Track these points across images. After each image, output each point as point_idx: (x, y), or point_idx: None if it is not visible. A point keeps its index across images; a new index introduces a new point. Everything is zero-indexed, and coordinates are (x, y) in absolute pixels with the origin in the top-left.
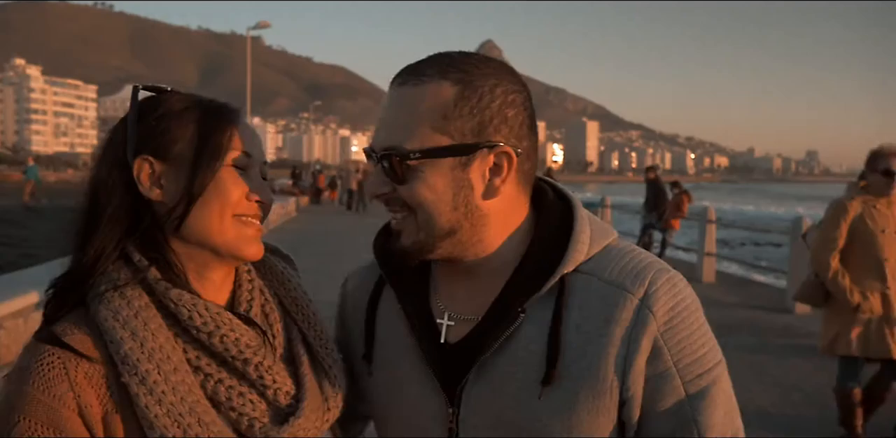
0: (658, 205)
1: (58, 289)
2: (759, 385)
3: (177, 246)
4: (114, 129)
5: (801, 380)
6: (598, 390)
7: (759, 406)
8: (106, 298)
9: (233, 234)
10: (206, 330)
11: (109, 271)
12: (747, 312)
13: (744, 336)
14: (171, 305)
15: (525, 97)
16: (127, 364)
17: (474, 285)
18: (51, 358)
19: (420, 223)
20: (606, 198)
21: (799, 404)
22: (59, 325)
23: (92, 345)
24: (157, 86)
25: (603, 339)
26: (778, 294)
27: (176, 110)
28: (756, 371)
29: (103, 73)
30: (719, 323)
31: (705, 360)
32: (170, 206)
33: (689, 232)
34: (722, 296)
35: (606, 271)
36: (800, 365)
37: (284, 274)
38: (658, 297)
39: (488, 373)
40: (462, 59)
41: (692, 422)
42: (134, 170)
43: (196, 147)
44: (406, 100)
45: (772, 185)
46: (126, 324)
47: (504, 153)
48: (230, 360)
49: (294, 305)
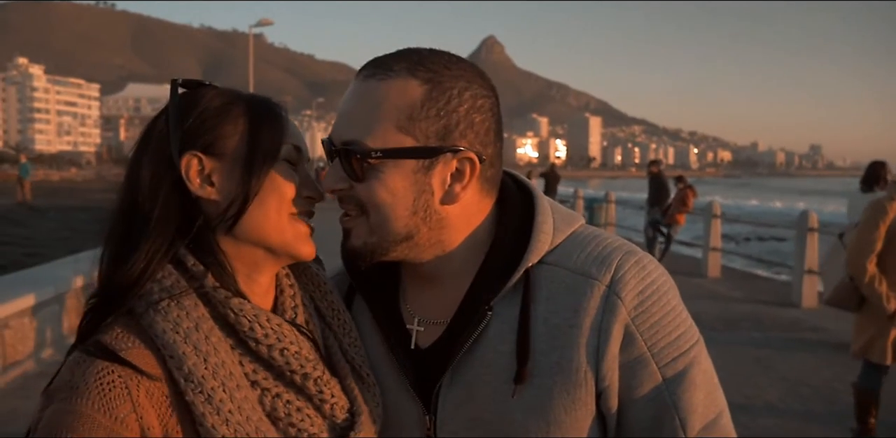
0: (660, 200)
1: (102, 299)
2: (766, 379)
3: (227, 247)
4: (150, 127)
5: (808, 375)
6: (572, 383)
7: (766, 401)
8: (162, 309)
9: (291, 232)
10: (267, 342)
11: (160, 278)
12: (753, 307)
13: (750, 330)
14: (231, 315)
15: (493, 102)
16: (191, 381)
17: (440, 287)
18: (111, 377)
19: (373, 225)
20: (610, 193)
21: (807, 398)
22: (110, 338)
23: (153, 361)
24: (195, 80)
25: (572, 330)
26: (783, 288)
27: (220, 105)
28: (763, 365)
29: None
30: (725, 317)
31: (681, 342)
32: (223, 205)
33: (692, 227)
34: (727, 291)
35: (572, 259)
36: (807, 360)
37: (319, 277)
38: (626, 282)
39: (461, 377)
40: (432, 58)
41: (672, 408)
42: (182, 167)
43: (249, 142)
44: (370, 94)
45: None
46: (188, 338)
47: (467, 159)
48: (288, 374)
49: (330, 310)
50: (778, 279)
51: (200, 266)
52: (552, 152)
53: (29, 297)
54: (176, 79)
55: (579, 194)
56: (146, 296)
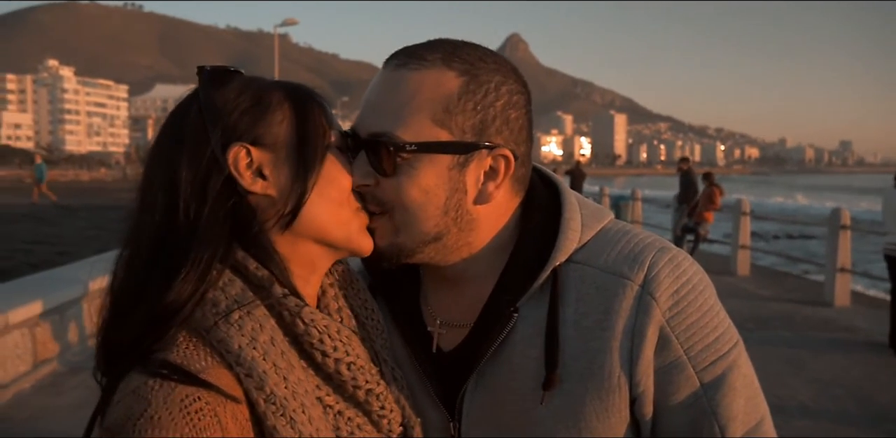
0: (689, 198)
1: (159, 313)
2: (799, 380)
3: (281, 247)
4: (179, 122)
5: (841, 375)
6: (605, 389)
7: (799, 402)
8: (235, 321)
9: (356, 225)
10: (336, 355)
11: (222, 286)
12: (783, 305)
13: (781, 330)
14: (300, 326)
15: (527, 99)
16: (273, 403)
17: (463, 289)
18: (198, 404)
19: (399, 224)
20: (636, 191)
21: (840, 399)
22: (180, 357)
23: (232, 381)
24: (223, 66)
25: (605, 333)
26: (814, 287)
27: (260, 91)
28: (795, 365)
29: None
30: (755, 316)
31: (719, 344)
32: (279, 199)
33: (720, 225)
34: (757, 289)
35: (602, 258)
36: (840, 360)
37: (350, 273)
38: (660, 281)
39: (486, 382)
40: (467, 49)
41: (711, 414)
42: (229, 160)
43: (299, 128)
44: (403, 84)
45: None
46: (266, 354)
47: (503, 156)
48: (351, 389)
49: (363, 309)
50: (808, 277)
51: (264, 270)
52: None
53: (61, 295)
54: (203, 66)
55: (605, 192)
56: (212, 307)
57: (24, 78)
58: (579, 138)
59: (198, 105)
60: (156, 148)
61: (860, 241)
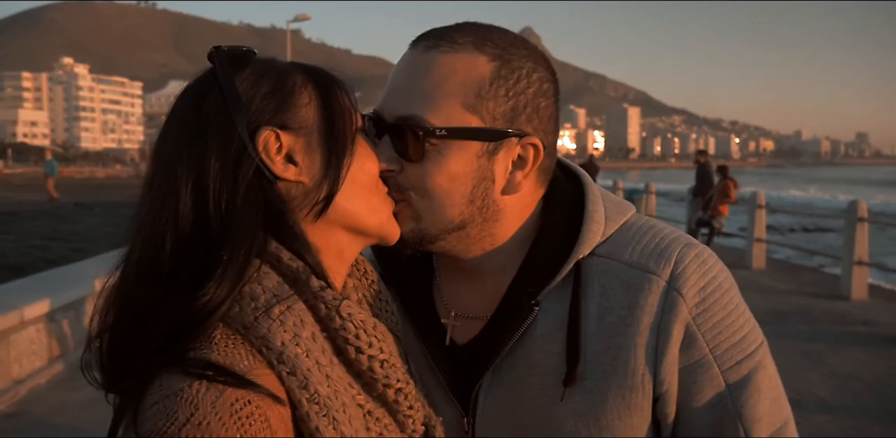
0: (704, 191)
1: (194, 312)
2: (817, 374)
3: (312, 236)
4: (198, 106)
5: (860, 369)
6: (627, 387)
7: (817, 397)
8: (276, 316)
9: (387, 212)
10: (371, 352)
11: (257, 277)
12: (801, 299)
13: (798, 324)
14: (337, 320)
15: (556, 89)
16: (316, 402)
17: (481, 280)
18: (249, 408)
19: (421, 211)
20: (651, 184)
21: (859, 394)
22: (223, 356)
23: (276, 381)
24: (240, 47)
25: (629, 329)
26: (832, 280)
27: (284, 72)
28: (812, 360)
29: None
30: (772, 310)
31: (745, 344)
32: (311, 186)
33: (735, 218)
34: (773, 283)
35: (627, 252)
36: (858, 354)
37: (364, 263)
38: (687, 277)
39: (504, 377)
40: (498, 34)
41: (736, 415)
42: (259, 146)
43: (327, 110)
44: (434, 67)
45: (820, 169)
46: (309, 351)
47: (532, 145)
48: (381, 388)
49: (378, 300)
50: (825, 270)
51: (299, 262)
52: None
53: (73, 292)
54: (219, 46)
55: (619, 186)
56: (250, 301)
57: (40, 76)
58: (592, 132)
59: (217, 89)
60: (173, 137)
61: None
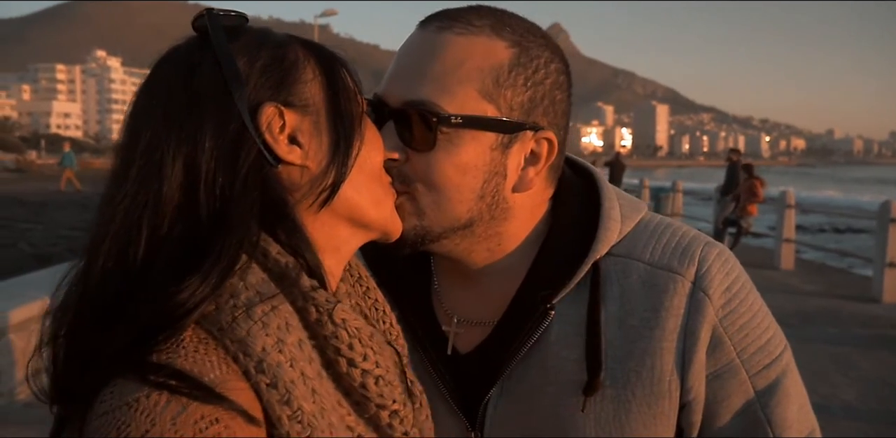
0: (732, 190)
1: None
2: (844, 378)
3: (310, 228)
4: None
5: (889, 374)
6: (654, 394)
7: (844, 401)
8: (258, 318)
9: (391, 205)
10: (365, 366)
11: (236, 274)
12: (829, 301)
13: (826, 326)
14: (329, 327)
15: (570, 82)
16: (299, 421)
17: (486, 284)
18: (216, 428)
19: (425, 206)
20: (678, 182)
21: (888, 399)
22: (189, 363)
23: (252, 397)
24: (230, 11)
25: (653, 333)
26: (862, 282)
27: (283, 42)
28: (840, 363)
29: None
30: (799, 312)
31: (771, 347)
32: (315, 171)
33: (763, 217)
34: (802, 284)
35: (647, 251)
36: (888, 358)
37: (358, 266)
38: (712, 277)
39: (515, 387)
40: (515, 19)
41: (765, 423)
42: (262, 124)
43: (331, 88)
44: (448, 49)
45: (852, 168)
46: (294, 362)
47: (547, 140)
48: (373, 408)
49: (374, 310)
50: (855, 272)
51: (289, 257)
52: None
53: None
54: (210, 9)
55: (645, 184)
56: (229, 298)
57: (73, 68)
58: (620, 129)
59: (211, 60)
60: (156, 113)
61: None
